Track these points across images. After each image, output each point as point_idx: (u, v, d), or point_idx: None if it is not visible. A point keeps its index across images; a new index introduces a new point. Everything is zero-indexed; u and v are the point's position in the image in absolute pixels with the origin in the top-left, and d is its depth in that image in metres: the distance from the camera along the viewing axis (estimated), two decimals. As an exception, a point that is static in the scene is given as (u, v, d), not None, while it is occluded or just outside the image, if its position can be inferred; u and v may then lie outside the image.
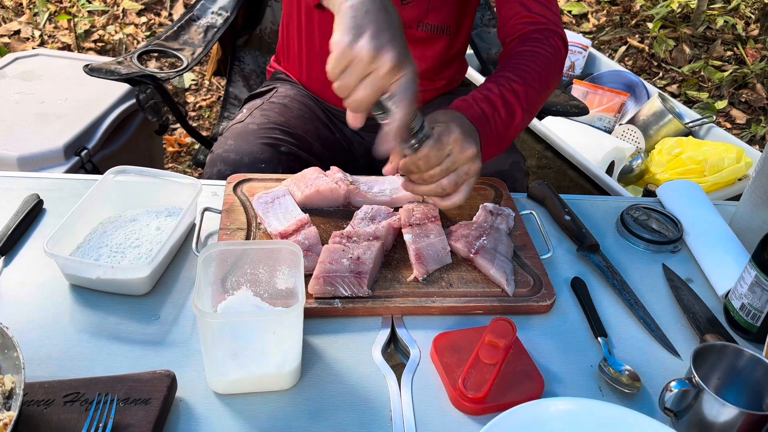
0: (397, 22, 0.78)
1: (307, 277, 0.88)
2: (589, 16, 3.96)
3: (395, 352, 0.88)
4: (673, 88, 3.42)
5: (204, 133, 1.90)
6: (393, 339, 0.88)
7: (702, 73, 3.48)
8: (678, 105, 2.41)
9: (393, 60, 0.74)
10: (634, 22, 3.86)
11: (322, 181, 1.04)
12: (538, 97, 1.05)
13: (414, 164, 0.89)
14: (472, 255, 0.96)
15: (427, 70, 1.29)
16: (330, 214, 1.05)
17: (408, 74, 0.77)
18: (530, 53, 1.07)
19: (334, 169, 1.08)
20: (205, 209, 1.01)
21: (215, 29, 1.55)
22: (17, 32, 3.18)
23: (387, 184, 1.09)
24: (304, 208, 1.02)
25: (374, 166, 1.40)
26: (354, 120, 0.82)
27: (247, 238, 0.97)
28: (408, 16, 1.20)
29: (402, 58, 0.75)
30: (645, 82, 2.51)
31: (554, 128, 2.17)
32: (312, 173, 1.06)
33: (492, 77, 1.03)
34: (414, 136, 0.86)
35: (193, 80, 3.07)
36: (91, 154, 1.55)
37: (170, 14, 3.46)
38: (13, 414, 0.64)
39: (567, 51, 1.14)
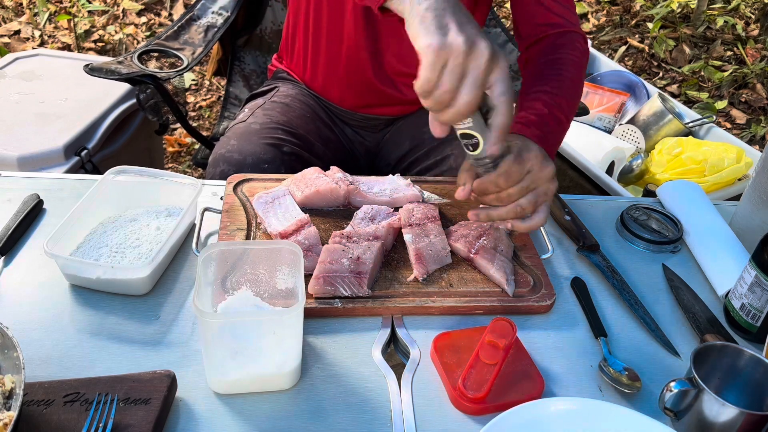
0: (469, 15, 0.75)
1: (307, 277, 0.88)
2: (589, 16, 3.96)
3: (395, 352, 0.88)
4: (673, 88, 3.42)
5: (204, 133, 1.90)
6: (393, 339, 0.88)
7: (702, 73, 3.48)
8: (678, 105, 2.41)
9: (489, 48, 0.71)
10: (634, 22, 3.86)
11: (322, 181, 1.04)
12: (576, 105, 1.06)
13: (493, 183, 0.85)
14: (472, 255, 0.96)
15: None
16: (330, 214, 1.05)
17: (503, 62, 0.74)
18: (563, 62, 1.05)
19: (334, 169, 1.08)
20: (205, 209, 1.01)
21: (215, 29, 1.55)
22: (17, 32, 3.18)
23: (387, 184, 1.09)
24: (304, 208, 1.02)
25: (375, 166, 1.40)
26: (441, 131, 0.79)
27: (247, 238, 0.97)
28: None
29: (492, 47, 0.72)
30: (645, 82, 2.51)
31: (554, 128, 2.17)
32: (312, 173, 1.06)
33: (535, 93, 1.01)
34: (492, 158, 0.82)
35: (194, 80, 3.07)
36: (91, 154, 1.55)
37: (170, 14, 3.46)
38: (13, 414, 0.64)
39: (587, 49, 1.13)
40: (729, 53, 3.63)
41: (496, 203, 0.88)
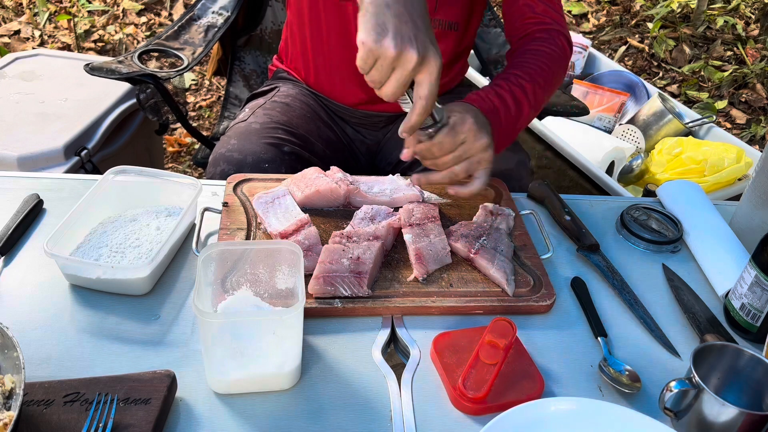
0: (419, 10, 0.80)
1: (307, 277, 0.88)
2: (589, 16, 3.96)
3: (395, 352, 0.88)
4: (673, 88, 3.42)
5: (204, 133, 1.90)
6: (393, 339, 0.88)
7: (702, 73, 3.48)
8: (678, 105, 2.41)
9: (416, 56, 0.77)
10: (634, 22, 3.86)
11: (322, 181, 1.04)
12: (544, 94, 1.08)
13: (428, 150, 0.92)
14: (472, 255, 0.96)
15: None
16: (330, 214, 1.05)
17: (433, 66, 0.80)
18: (536, 52, 1.10)
19: (334, 169, 1.08)
20: (205, 209, 1.01)
21: (216, 29, 1.55)
22: (17, 32, 3.18)
23: (387, 184, 1.09)
24: (304, 208, 1.02)
25: (375, 166, 1.40)
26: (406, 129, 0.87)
27: (247, 238, 0.97)
28: None
29: (425, 50, 0.79)
30: (645, 82, 2.51)
31: (554, 128, 2.17)
32: (312, 173, 1.06)
33: (501, 74, 1.06)
34: (433, 125, 0.90)
35: (194, 80, 3.07)
36: (91, 154, 1.55)
37: (170, 14, 3.46)
38: (13, 414, 0.64)
39: (572, 50, 1.17)
40: (729, 53, 3.63)
41: (434, 168, 0.96)
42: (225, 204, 1.01)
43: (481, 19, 1.30)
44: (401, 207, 1.04)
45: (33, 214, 1.00)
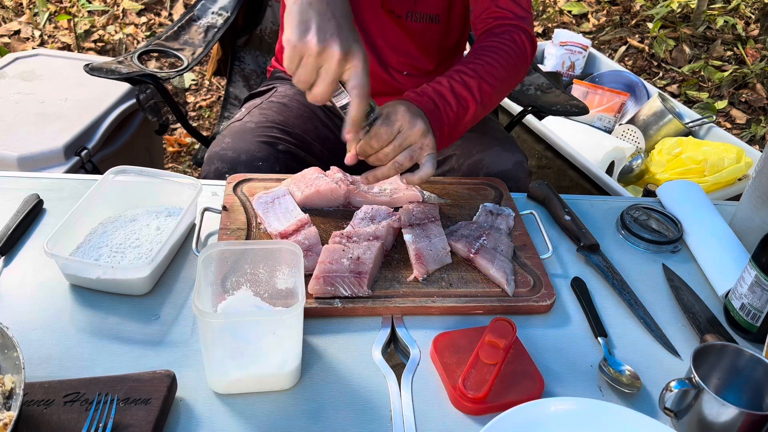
0: (341, 10, 0.82)
1: (307, 277, 0.88)
2: (589, 16, 3.96)
3: (395, 352, 0.88)
4: (673, 88, 3.42)
5: (204, 133, 1.90)
6: (393, 339, 0.88)
7: (702, 73, 3.48)
8: (678, 105, 2.41)
9: (339, 51, 0.80)
10: (634, 22, 3.86)
11: (322, 181, 1.04)
12: (494, 90, 1.07)
13: (368, 144, 0.93)
14: (472, 255, 0.96)
15: (425, 60, 1.29)
16: (330, 214, 1.05)
17: (357, 60, 0.82)
18: (490, 48, 1.09)
19: (334, 169, 1.08)
20: (205, 209, 1.01)
21: (215, 29, 1.55)
22: (17, 32, 3.18)
23: (387, 184, 1.09)
24: (304, 208, 1.02)
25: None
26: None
27: (247, 238, 0.97)
28: (398, 8, 1.21)
29: (348, 46, 0.81)
30: (645, 82, 2.51)
31: (554, 128, 2.17)
32: (312, 173, 1.06)
33: (447, 72, 1.06)
34: (367, 120, 0.91)
35: (193, 80, 3.07)
36: (91, 154, 1.55)
37: (170, 14, 3.46)
38: (13, 414, 0.64)
39: (533, 45, 1.15)
40: (729, 53, 3.63)
41: (377, 163, 0.96)
42: (224, 208, 1.01)
43: (465, 11, 1.30)
44: (401, 207, 1.04)
45: (33, 214, 1.00)
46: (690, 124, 2.32)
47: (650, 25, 3.76)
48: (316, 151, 1.28)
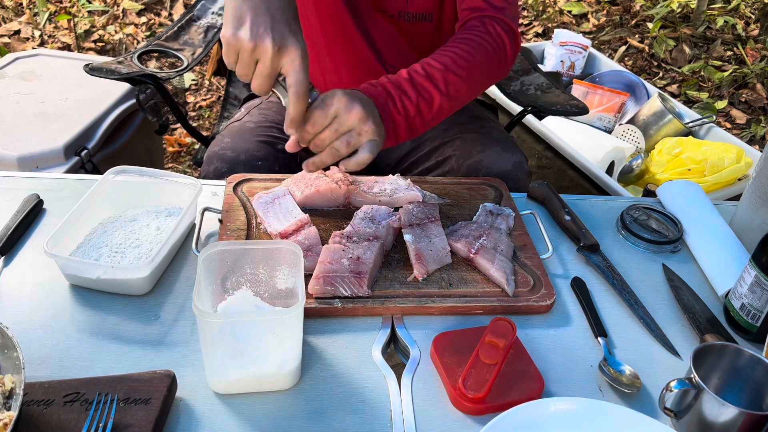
0: (276, 4, 0.83)
1: (307, 277, 0.88)
2: (589, 16, 3.96)
3: (395, 352, 0.88)
4: (673, 88, 3.42)
5: (204, 133, 1.90)
6: (393, 339, 0.88)
7: (702, 73, 3.48)
8: (678, 105, 2.41)
9: (272, 45, 0.81)
10: (634, 22, 3.86)
11: (322, 181, 1.04)
12: (463, 83, 1.04)
13: (306, 131, 0.93)
14: (472, 255, 0.96)
15: (421, 58, 1.29)
16: (330, 214, 1.05)
17: (293, 54, 0.82)
18: (462, 40, 1.08)
19: (334, 169, 1.08)
20: (205, 209, 1.01)
21: (215, 29, 1.55)
22: (17, 32, 3.18)
23: (387, 184, 1.09)
24: (304, 208, 1.02)
25: (375, 166, 1.40)
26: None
27: (247, 238, 0.97)
28: (390, 8, 1.20)
29: (281, 40, 0.81)
30: (645, 82, 2.51)
31: (554, 128, 2.17)
32: (312, 173, 1.06)
33: (411, 65, 1.04)
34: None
35: (193, 80, 3.07)
36: (91, 154, 1.55)
37: (170, 14, 3.46)
38: (13, 414, 0.64)
39: (513, 37, 1.12)
40: (729, 53, 3.63)
41: (316, 150, 0.95)
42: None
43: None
44: (401, 207, 1.04)
45: (33, 214, 1.00)
46: (690, 124, 2.32)
47: (650, 25, 3.76)
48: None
